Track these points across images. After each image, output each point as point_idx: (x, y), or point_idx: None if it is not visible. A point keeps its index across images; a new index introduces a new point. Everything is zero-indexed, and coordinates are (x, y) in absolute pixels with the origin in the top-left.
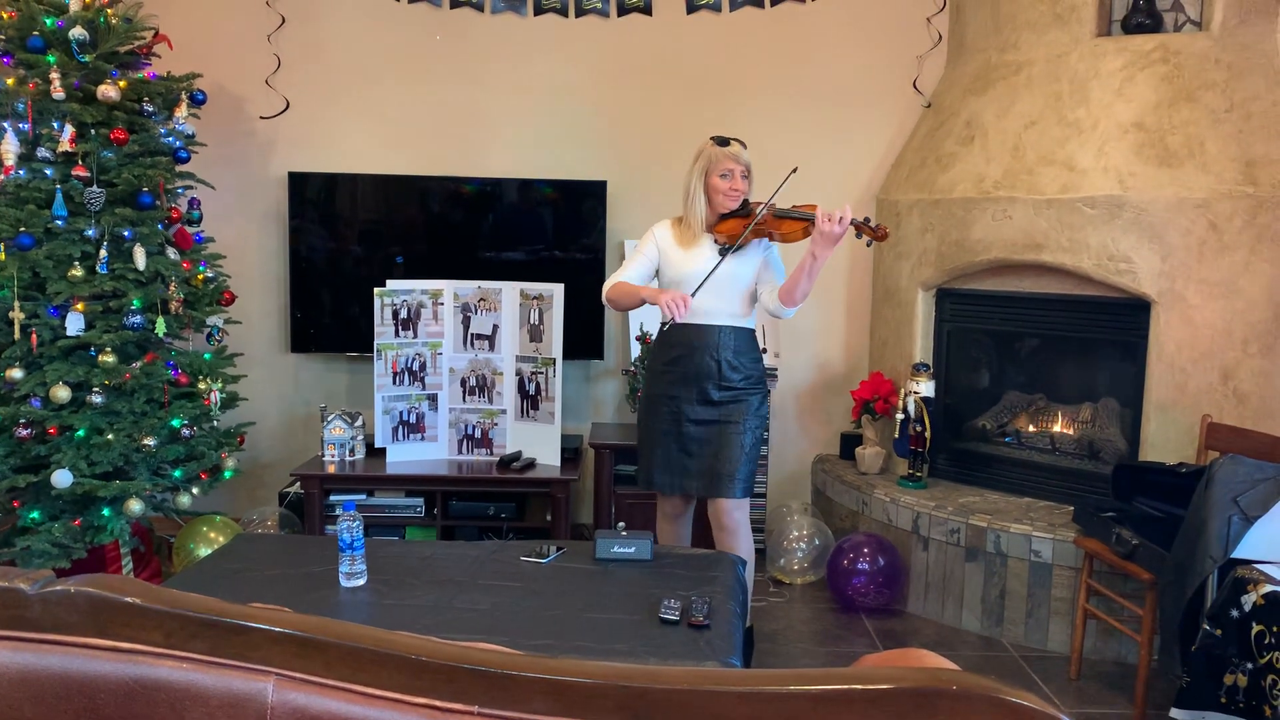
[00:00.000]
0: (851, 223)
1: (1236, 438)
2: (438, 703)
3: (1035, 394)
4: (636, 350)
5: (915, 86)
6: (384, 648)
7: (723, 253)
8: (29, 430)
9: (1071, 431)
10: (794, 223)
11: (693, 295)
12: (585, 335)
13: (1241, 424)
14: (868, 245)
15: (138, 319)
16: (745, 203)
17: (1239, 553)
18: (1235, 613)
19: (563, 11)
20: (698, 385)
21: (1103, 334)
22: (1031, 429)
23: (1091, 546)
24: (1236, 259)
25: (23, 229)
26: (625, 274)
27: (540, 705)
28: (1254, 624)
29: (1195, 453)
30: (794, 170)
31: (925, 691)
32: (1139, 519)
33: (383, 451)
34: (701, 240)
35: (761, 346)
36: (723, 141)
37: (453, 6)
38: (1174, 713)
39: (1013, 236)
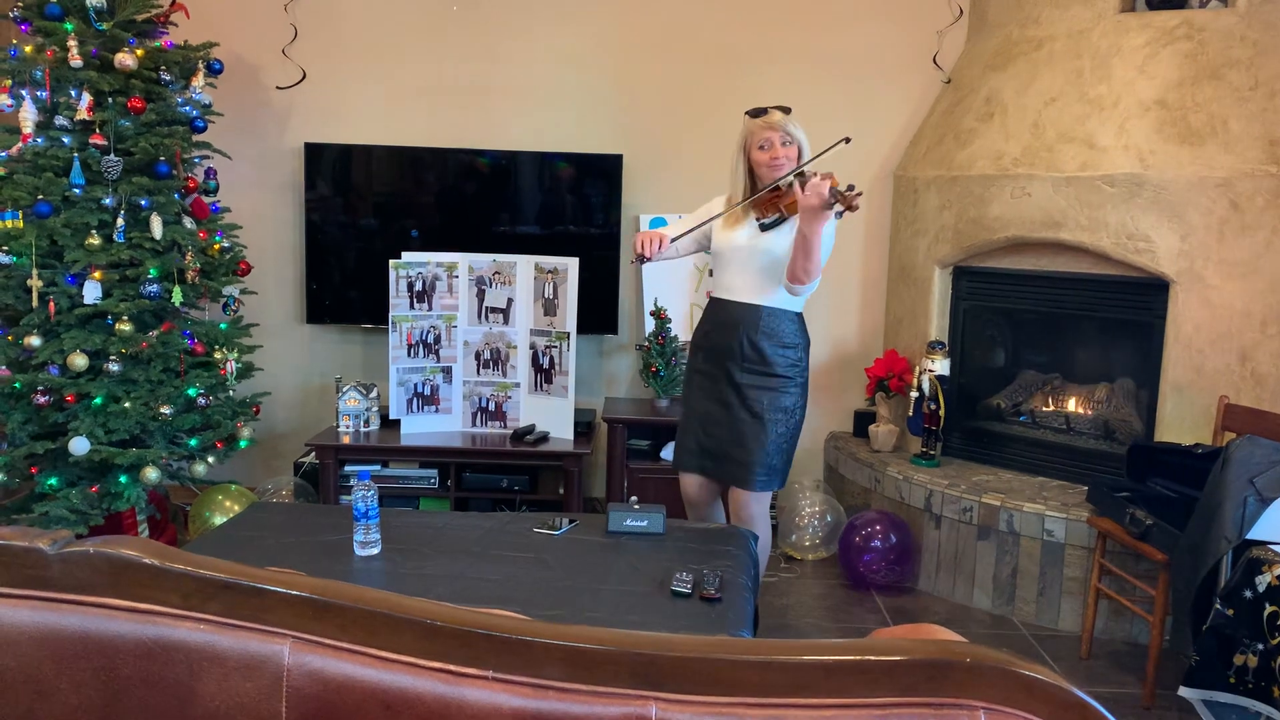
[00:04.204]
0: (830, 193)
1: (1254, 419)
2: (452, 666)
3: (1051, 373)
4: (650, 325)
5: (935, 62)
6: (399, 612)
7: (763, 228)
8: (47, 397)
9: (1086, 411)
10: (794, 194)
11: (673, 240)
12: (599, 310)
13: (1259, 405)
14: (838, 216)
15: (154, 288)
16: (800, 173)
17: (1254, 534)
18: (1248, 593)
19: None
20: (721, 364)
21: (1120, 313)
22: (1046, 408)
23: (1105, 526)
24: (1258, 239)
25: (41, 197)
26: (668, 228)
27: (554, 671)
28: (1267, 605)
29: (1211, 434)
30: (846, 140)
31: (938, 663)
32: (1153, 499)
33: (397, 423)
34: (743, 218)
35: None
36: (757, 112)
37: None
38: (1182, 691)
39: (1031, 214)
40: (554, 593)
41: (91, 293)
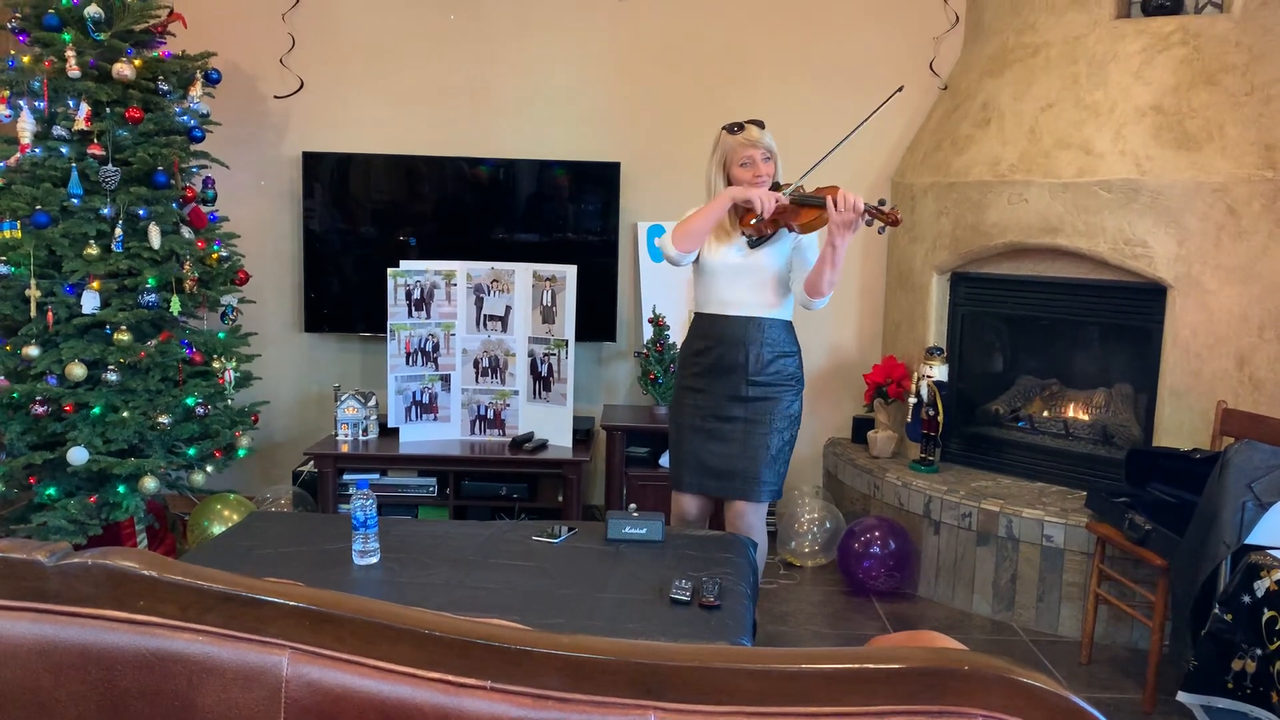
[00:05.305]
0: (865, 209)
1: (1252, 424)
2: (451, 677)
3: (1049, 379)
4: (648, 333)
5: (931, 68)
6: (398, 622)
7: (753, 244)
8: (45, 407)
9: (1085, 416)
10: (812, 210)
11: (785, 193)
12: (597, 317)
13: (1257, 410)
14: (880, 232)
15: (152, 297)
16: (776, 185)
17: (1253, 539)
18: (1247, 598)
19: None
20: (726, 380)
21: (1118, 319)
22: (1045, 414)
23: (1104, 532)
24: (1254, 244)
25: (39, 207)
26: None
27: (553, 681)
28: (1265, 610)
29: (1210, 438)
30: (900, 89)
31: (936, 671)
32: (1152, 504)
33: (396, 431)
34: (733, 234)
35: None
36: (736, 128)
37: None
38: (1180, 696)
39: (1028, 220)
40: (554, 601)
41: (90, 302)
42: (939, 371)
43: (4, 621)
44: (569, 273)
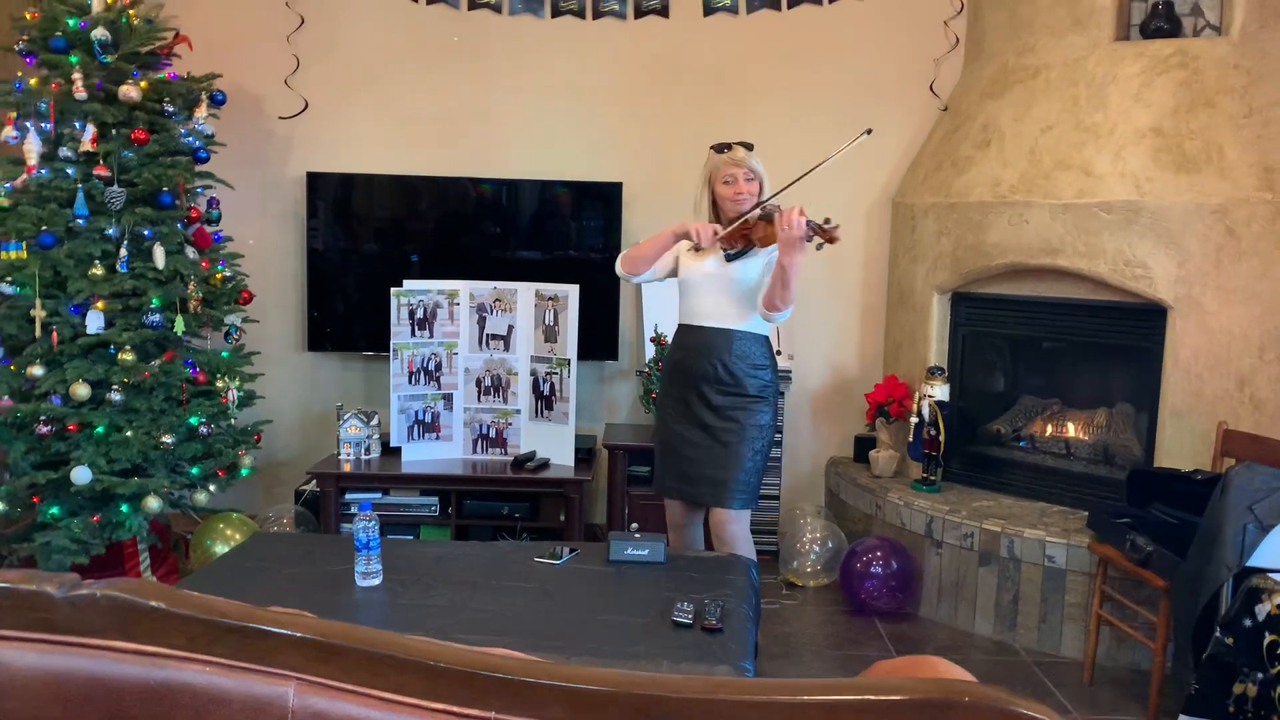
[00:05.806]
0: (808, 224)
1: (1253, 445)
2: (455, 708)
3: (1050, 398)
4: (650, 351)
5: (932, 89)
6: (403, 653)
7: (729, 258)
8: (49, 427)
9: (1086, 437)
10: (768, 225)
11: (723, 229)
12: (600, 336)
13: (1258, 431)
14: (818, 249)
15: (157, 317)
16: (759, 206)
17: (1254, 561)
18: (1248, 622)
19: (580, 13)
20: (698, 389)
21: (1118, 339)
22: (1046, 434)
23: (1106, 552)
24: (1254, 265)
25: (44, 228)
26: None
27: (556, 711)
28: (1267, 634)
29: (1211, 459)
30: (868, 131)
31: (937, 702)
32: (1154, 525)
33: (398, 450)
34: (713, 248)
35: (776, 349)
36: (722, 148)
37: (471, 8)
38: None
39: (1029, 241)
40: (556, 624)
41: (94, 322)
42: (940, 391)
43: (13, 652)
44: (571, 292)
